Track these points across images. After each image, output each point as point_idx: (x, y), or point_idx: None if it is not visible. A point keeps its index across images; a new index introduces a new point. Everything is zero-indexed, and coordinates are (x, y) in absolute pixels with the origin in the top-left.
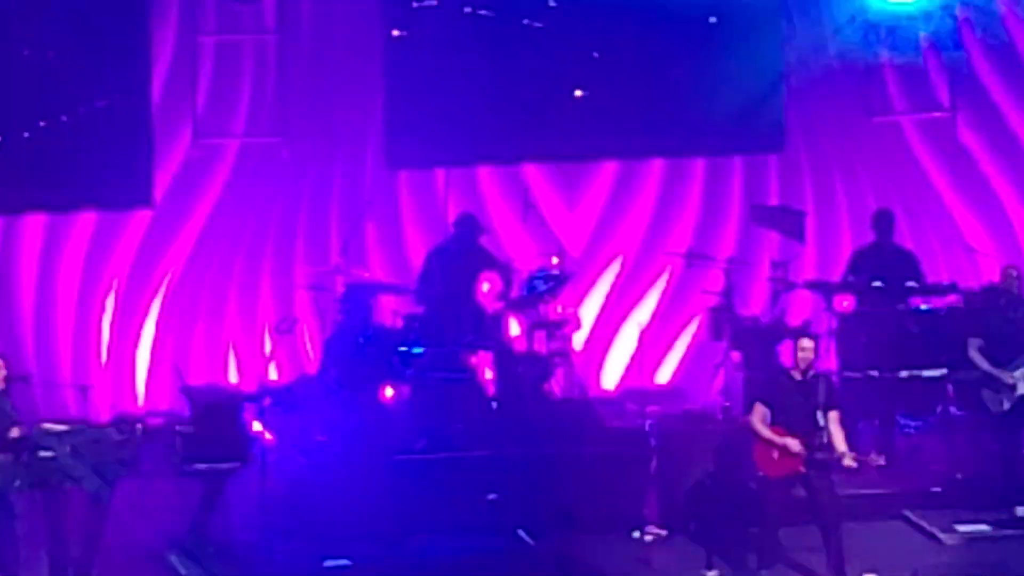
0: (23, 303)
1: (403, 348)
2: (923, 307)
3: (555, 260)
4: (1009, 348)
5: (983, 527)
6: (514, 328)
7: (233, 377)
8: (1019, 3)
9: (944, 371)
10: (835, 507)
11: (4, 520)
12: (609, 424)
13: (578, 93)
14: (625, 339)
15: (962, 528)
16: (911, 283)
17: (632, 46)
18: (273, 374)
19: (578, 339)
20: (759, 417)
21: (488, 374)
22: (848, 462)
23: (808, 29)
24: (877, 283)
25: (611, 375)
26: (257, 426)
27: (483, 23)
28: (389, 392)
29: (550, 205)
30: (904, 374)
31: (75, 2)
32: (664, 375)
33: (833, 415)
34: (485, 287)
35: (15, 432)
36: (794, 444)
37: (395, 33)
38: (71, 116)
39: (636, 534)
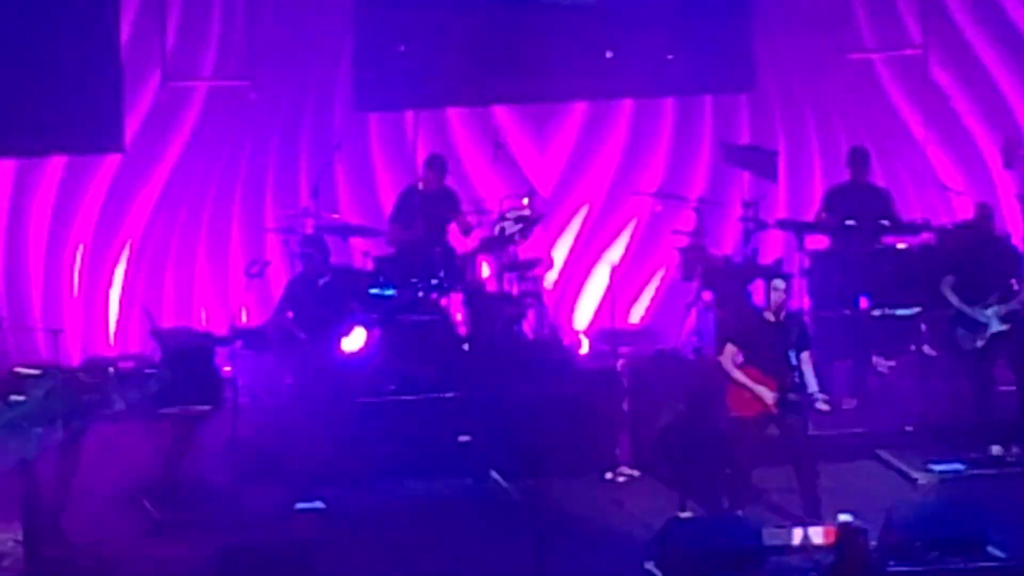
0: None
1: (373, 290)
2: (896, 246)
3: (525, 201)
4: (982, 286)
5: (957, 466)
6: (485, 269)
7: (204, 320)
8: None
9: (918, 310)
10: (808, 447)
11: None
12: (581, 365)
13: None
14: (596, 280)
15: (936, 468)
16: (884, 222)
17: None
18: (244, 317)
19: (549, 280)
20: (731, 358)
21: (459, 316)
22: (821, 406)
23: None
24: (850, 222)
25: (583, 316)
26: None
27: None
28: (356, 337)
29: (520, 146)
30: (877, 313)
31: None
32: (636, 315)
33: (805, 355)
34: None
35: None
36: (765, 390)
37: None
38: (39, 60)
39: (608, 475)
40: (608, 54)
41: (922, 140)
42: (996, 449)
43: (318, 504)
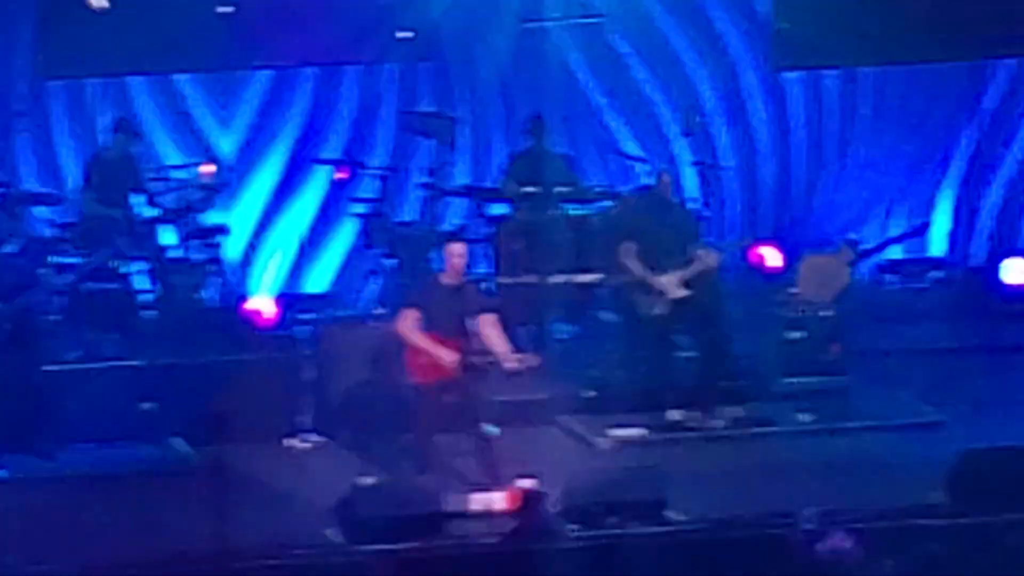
0: None
1: (56, 258)
2: (578, 212)
3: (209, 169)
4: (661, 253)
5: (637, 431)
6: (169, 236)
7: None
8: None
9: (598, 276)
10: (488, 412)
11: None
12: (263, 331)
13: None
14: (279, 247)
15: (615, 432)
16: (565, 188)
17: None
18: None
19: (233, 247)
20: (411, 323)
21: (144, 283)
22: (511, 364)
23: None
24: (530, 188)
25: (266, 283)
26: None
27: None
28: None
29: (203, 115)
30: (558, 279)
31: None
32: (319, 282)
33: (489, 318)
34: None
35: None
36: (446, 354)
37: None
38: None
39: (291, 442)
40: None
41: (601, 106)
42: (675, 414)
43: (2, 472)
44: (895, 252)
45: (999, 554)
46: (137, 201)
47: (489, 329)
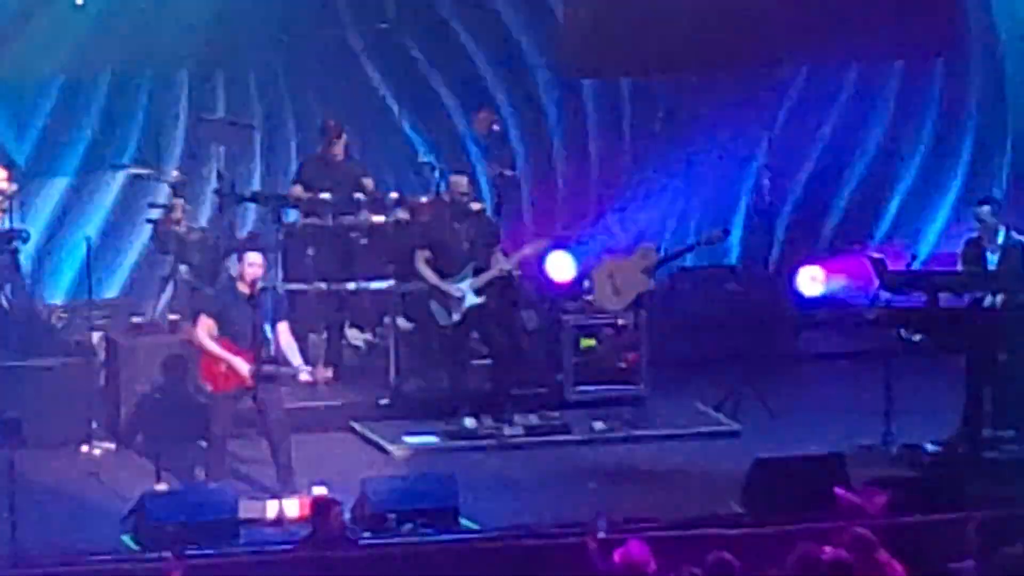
0: None
1: None
2: (372, 219)
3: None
4: (456, 260)
5: (430, 439)
6: None
7: None
8: None
9: (392, 283)
10: (283, 419)
11: None
12: (58, 336)
13: None
14: (74, 251)
15: (410, 440)
16: (359, 195)
17: None
18: None
19: (26, 252)
20: (205, 330)
21: None
22: (304, 377)
23: None
24: (324, 195)
25: (60, 288)
26: None
27: None
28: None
29: None
30: (352, 286)
31: None
32: (113, 288)
33: (283, 327)
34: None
35: None
36: (240, 363)
37: None
38: None
39: (84, 448)
40: None
41: (397, 114)
42: (469, 421)
43: None
44: (692, 259)
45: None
46: None
47: (284, 338)
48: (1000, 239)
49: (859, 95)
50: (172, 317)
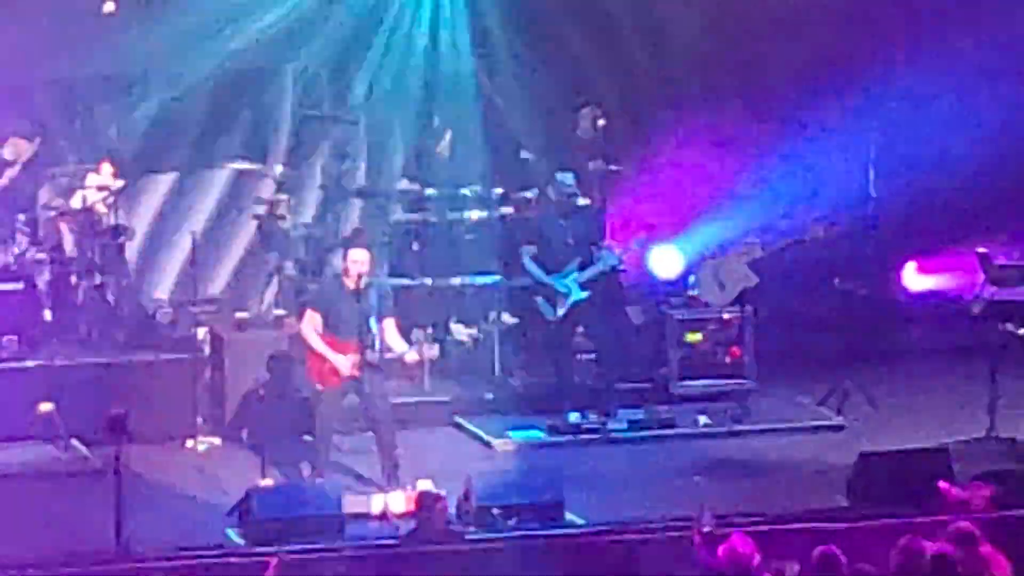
0: None
1: None
2: (477, 215)
3: (107, 169)
4: (562, 256)
5: (535, 433)
6: (67, 237)
7: None
8: None
9: (497, 279)
10: (389, 414)
11: None
12: (163, 333)
13: None
14: (179, 248)
15: (514, 434)
16: (464, 191)
17: None
18: None
19: (132, 248)
20: (311, 326)
21: (42, 283)
22: (411, 356)
23: None
24: (430, 191)
25: (166, 284)
26: None
27: None
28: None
29: (105, 114)
30: (457, 282)
31: None
32: (218, 284)
33: (388, 323)
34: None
35: None
36: (344, 361)
37: None
38: None
39: (190, 443)
40: None
41: (502, 110)
42: (574, 416)
43: None
44: (797, 253)
45: None
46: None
47: (389, 334)
48: None
49: (969, 89)
50: (277, 312)
